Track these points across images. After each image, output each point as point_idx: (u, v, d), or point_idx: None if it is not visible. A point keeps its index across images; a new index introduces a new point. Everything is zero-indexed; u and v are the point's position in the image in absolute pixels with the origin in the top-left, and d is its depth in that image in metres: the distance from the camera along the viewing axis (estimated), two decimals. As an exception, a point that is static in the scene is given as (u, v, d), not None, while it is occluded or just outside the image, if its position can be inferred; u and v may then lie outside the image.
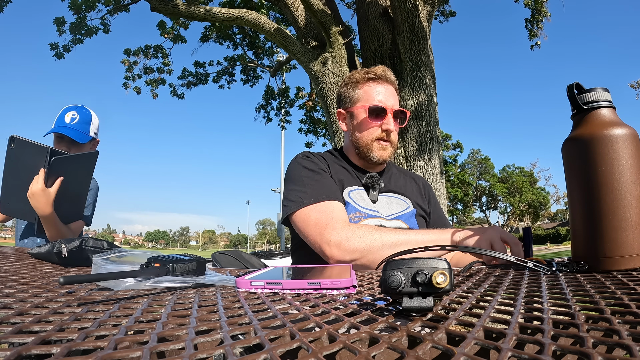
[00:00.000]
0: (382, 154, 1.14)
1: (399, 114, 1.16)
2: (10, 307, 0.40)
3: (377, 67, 1.16)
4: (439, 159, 3.93)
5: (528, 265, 0.66)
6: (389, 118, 1.12)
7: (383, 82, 1.15)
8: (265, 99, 8.54)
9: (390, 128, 1.12)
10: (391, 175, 1.23)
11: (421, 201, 1.21)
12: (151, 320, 0.35)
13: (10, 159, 1.24)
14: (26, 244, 1.60)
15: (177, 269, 0.58)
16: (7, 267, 0.74)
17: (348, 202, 1.09)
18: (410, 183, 1.25)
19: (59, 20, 5.56)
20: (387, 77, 1.16)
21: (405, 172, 1.31)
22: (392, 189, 1.18)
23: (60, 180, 1.26)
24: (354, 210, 1.08)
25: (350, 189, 1.12)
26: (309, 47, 4.34)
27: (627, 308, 0.35)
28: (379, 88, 1.14)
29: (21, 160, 1.24)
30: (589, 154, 0.60)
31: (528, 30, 5.91)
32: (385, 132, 1.13)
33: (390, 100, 1.14)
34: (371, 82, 1.15)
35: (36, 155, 1.23)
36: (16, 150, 1.23)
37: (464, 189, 30.90)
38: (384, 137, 1.13)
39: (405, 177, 1.27)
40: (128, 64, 6.99)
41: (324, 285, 0.53)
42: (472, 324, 0.31)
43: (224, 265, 1.15)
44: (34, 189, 1.22)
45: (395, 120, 1.14)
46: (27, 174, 1.23)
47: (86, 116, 1.59)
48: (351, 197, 1.10)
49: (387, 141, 1.14)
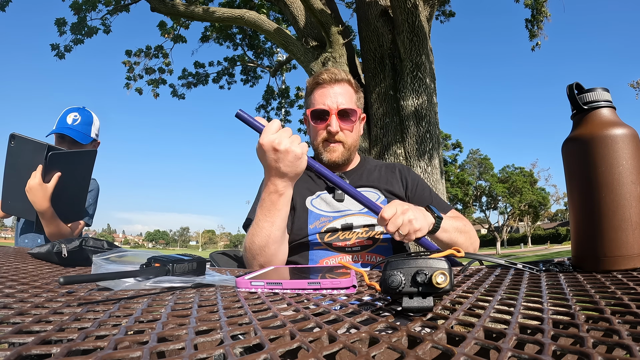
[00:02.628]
0: (330, 155, 1.15)
1: (347, 112, 1.13)
2: (10, 307, 0.40)
3: (324, 71, 1.17)
4: (439, 159, 3.93)
5: (517, 267, 0.66)
6: (333, 119, 1.12)
7: (329, 85, 1.15)
8: (265, 99, 8.54)
9: (332, 129, 1.11)
10: (364, 171, 1.23)
11: (397, 189, 1.19)
12: (151, 320, 0.35)
13: (11, 157, 1.25)
14: (26, 243, 1.61)
15: (177, 269, 0.58)
16: (7, 267, 0.74)
17: (311, 210, 1.12)
18: (385, 174, 1.23)
19: (59, 21, 5.56)
20: (334, 78, 1.15)
21: (382, 165, 1.29)
22: (362, 184, 1.18)
23: (57, 176, 1.27)
24: (317, 217, 1.10)
25: (311, 198, 1.15)
26: (309, 47, 4.34)
27: (627, 308, 0.35)
28: (324, 91, 1.15)
29: (21, 158, 1.25)
30: (589, 154, 0.60)
31: (528, 30, 5.91)
32: (329, 133, 1.13)
33: (336, 101, 1.13)
34: (317, 87, 1.17)
35: (36, 153, 1.24)
36: (16, 148, 1.23)
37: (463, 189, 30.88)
38: (329, 139, 1.14)
39: (380, 169, 1.25)
40: (129, 65, 7.00)
41: (324, 285, 0.53)
42: (472, 324, 0.31)
43: (222, 265, 1.15)
44: (31, 184, 1.23)
45: (344, 120, 1.13)
46: (27, 172, 1.24)
47: (88, 118, 1.60)
48: (313, 205, 1.13)
49: (335, 142, 1.14)
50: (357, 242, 1.07)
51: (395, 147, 3.86)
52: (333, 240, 1.07)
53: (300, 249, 1.08)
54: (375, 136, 3.96)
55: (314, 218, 1.10)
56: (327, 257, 1.06)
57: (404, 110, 3.87)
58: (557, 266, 0.64)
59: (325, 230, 1.08)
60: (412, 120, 3.83)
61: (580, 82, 0.65)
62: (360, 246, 1.07)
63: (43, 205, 1.25)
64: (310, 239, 1.07)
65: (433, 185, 3.73)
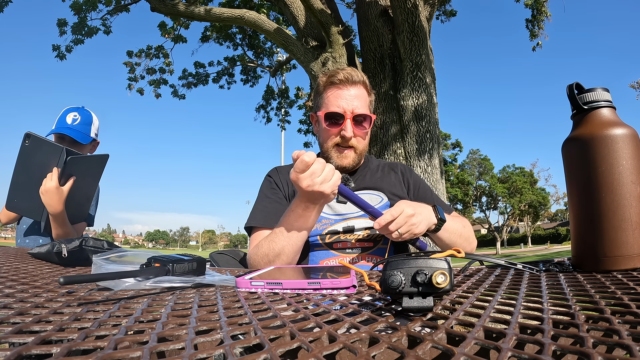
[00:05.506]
0: (341, 161, 1.11)
1: (362, 118, 1.09)
2: (10, 307, 0.40)
3: (340, 70, 1.12)
4: (439, 158, 3.93)
5: (517, 267, 0.66)
6: (347, 124, 1.07)
7: (344, 86, 1.10)
8: (265, 99, 8.54)
9: (347, 134, 1.07)
10: (367, 172, 1.21)
11: (399, 190, 1.18)
12: (151, 320, 0.35)
13: (24, 156, 1.24)
14: (27, 243, 1.60)
15: (177, 269, 0.58)
16: (7, 267, 0.74)
17: None
18: (387, 175, 1.22)
19: (61, 22, 5.57)
20: (350, 79, 1.10)
21: (384, 165, 1.27)
22: (366, 186, 1.16)
23: (72, 180, 1.28)
24: (319, 220, 1.08)
25: None
26: (309, 47, 4.34)
27: (627, 308, 0.35)
28: (339, 92, 1.10)
29: (34, 158, 1.25)
30: (589, 154, 0.60)
31: (529, 30, 5.91)
32: (343, 139, 1.08)
33: (352, 104, 1.08)
34: (332, 86, 1.11)
35: (49, 154, 1.24)
36: (31, 148, 1.23)
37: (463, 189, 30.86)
38: (342, 144, 1.10)
39: (382, 170, 1.24)
40: (130, 66, 7.01)
41: (324, 285, 0.53)
42: (472, 324, 0.31)
43: (222, 265, 1.15)
44: (48, 186, 1.23)
45: (357, 125, 1.09)
46: (38, 172, 1.24)
47: (87, 117, 1.59)
48: None
49: (347, 147, 1.11)
50: (358, 243, 1.07)
51: (395, 146, 3.86)
52: (333, 242, 1.07)
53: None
54: (375, 135, 3.96)
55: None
56: (328, 259, 1.06)
57: (404, 110, 3.87)
58: (557, 266, 0.64)
59: (327, 232, 1.07)
60: (412, 120, 3.83)
61: (581, 82, 0.65)
62: (361, 248, 1.07)
63: (58, 208, 1.26)
64: (310, 240, 1.07)
65: (433, 185, 3.73)
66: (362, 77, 1.13)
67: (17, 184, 1.29)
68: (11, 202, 1.32)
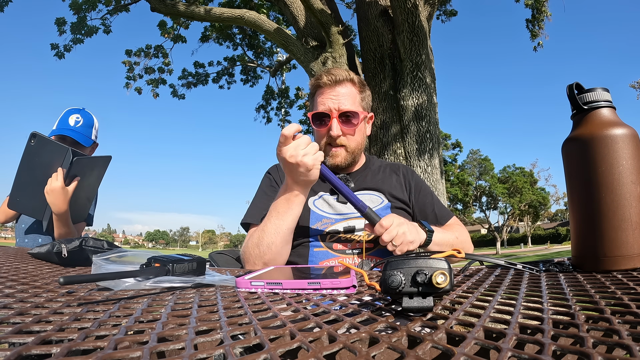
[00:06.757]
0: (333, 160, 1.11)
1: (349, 114, 1.08)
2: (10, 307, 0.40)
3: (325, 72, 1.12)
4: (439, 158, 3.93)
5: (517, 267, 0.66)
6: (334, 122, 1.07)
7: (330, 86, 1.10)
8: (265, 99, 8.54)
9: (333, 133, 1.07)
10: (368, 172, 1.21)
11: (400, 193, 1.17)
12: (151, 320, 0.35)
13: (29, 155, 1.25)
14: (26, 243, 1.60)
15: (177, 269, 0.58)
16: (7, 267, 0.74)
17: (313, 210, 1.11)
18: (389, 176, 1.21)
19: (59, 21, 5.57)
20: (334, 79, 1.10)
21: (386, 165, 1.26)
22: (366, 187, 1.16)
23: (77, 180, 1.30)
24: (319, 218, 1.09)
25: (314, 198, 1.14)
26: (309, 47, 4.34)
27: (627, 308, 0.35)
28: (325, 93, 1.11)
29: (39, 158, 1.26)
30: (589, 154, 0.60)
31: (529, 30, 5.91)
32: (331, 138, 1.09)
33: (337, 102, 1.08)
34: (319, 89, 1.12)
35: (54, 155, 1.25)
36: (36, 147, 1.24)
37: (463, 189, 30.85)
38: (331, 143, 1.10)
39: (384, 171, 1.23)
40: (129, 65, 7.00)
41: (324, 285, 0.53)
42: (472, 324, 0.31)
43: (221, 265, 1.15)
44: (53, 186, 1.24)
45: (345, 123, 1.09)
46: (42, 172, 1.25)
47: (89, 120, 1.60)
48: (315, 206, 1.12)
49: (337, 146, 1.10)
50: (358, 244, 1.07)
51: (395, 146, 3.86)
52: (334, 242, 1.07)
53: (301, 250, 1.08)
54: (375, 135, 3.96)
55: (315, 219, 1.09)
56: (328, 259, 1.06)
57: (404, 110, 3.87)
58: (557, 266, 0.64)
59: (327, 232, 1.07)
60: (412, 119, 3.83)
61: (581, 82, 0.65)
62: (361, 249, 1.07)
63: (62, 208, 1.27)
64: (311, 240, 1.07)
65: (433, 185, 3.73)
66: (349, 75, 1.13)
67: (20, 183, 1.29)
68: (14, 201, 1.32)
